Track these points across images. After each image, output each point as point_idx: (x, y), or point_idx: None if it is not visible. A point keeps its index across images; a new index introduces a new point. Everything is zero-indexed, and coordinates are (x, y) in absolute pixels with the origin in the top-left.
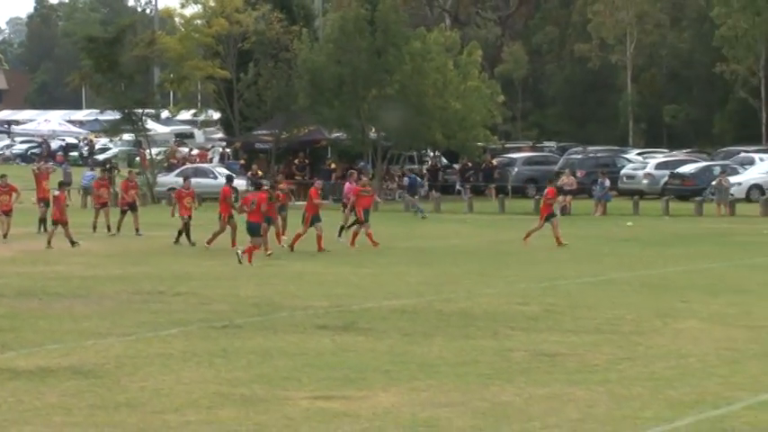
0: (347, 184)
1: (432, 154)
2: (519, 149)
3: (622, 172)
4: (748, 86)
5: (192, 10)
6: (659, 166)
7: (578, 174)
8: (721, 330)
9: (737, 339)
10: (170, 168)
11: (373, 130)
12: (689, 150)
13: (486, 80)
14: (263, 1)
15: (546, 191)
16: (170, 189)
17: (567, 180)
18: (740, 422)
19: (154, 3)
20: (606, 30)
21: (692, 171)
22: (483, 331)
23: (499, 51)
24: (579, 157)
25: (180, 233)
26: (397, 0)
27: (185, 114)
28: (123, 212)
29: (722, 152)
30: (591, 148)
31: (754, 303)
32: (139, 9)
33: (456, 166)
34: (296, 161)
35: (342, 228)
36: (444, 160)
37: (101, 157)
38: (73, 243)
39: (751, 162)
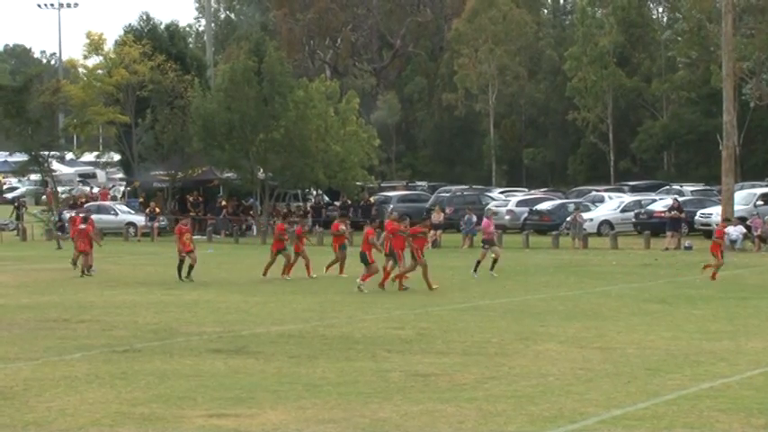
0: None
1: (315, 192)
2: (394, 188)
3: (487, 208)
4: (598, 132)
5: (94, 61)
6: (520, 204)
7: (447, 210)
8: (577, 352)
9: (592, 360)
10: (74, 206)
11: (261, 170)
12: (546, 189)
13: (364, 125)
14: (158, 52)
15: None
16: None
17: (437, 216)
18: None
19: (58, 54)
20: (471, 81)
21: (549, 208)
22: (362, 354)
23: (375, 99)
24: (449, 195)
25: (184, 267)
26: (282, 52)
27: (88, 156)
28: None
29: (575, 191)
30: (459, 187)
31: (607, 327)
32: (45, 60)
33: (337, 203)
34: (190, 199)
35: (478, 262)
36: (326, 198)
37: (10, 195)
38: None
39: (601, 200)
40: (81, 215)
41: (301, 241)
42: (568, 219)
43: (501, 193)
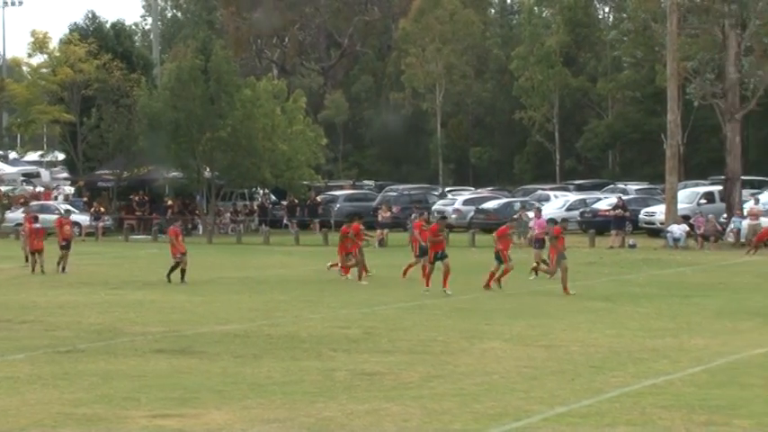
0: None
1: (261, 191)
2: (341, 187)
3: (433, 207)
4: (544, 131)
5: (38, 59)
6: (466, 203)
7: (394, 209)
8: (522, 350)
9: (536, 358)
10: (24, 205)
11: (207, 169)
12: (492, 188)
13: (311, 124)
14: (104, 51)
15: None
16: (17, 225)
17: (384, 215)
18: None
19: (2, 53)
20: (418, 80)
21: (495, 207)
22: (308, 353)
23: (322, 98)
24: (396, 194)
25: (174, 270)
26: (229, 51)
27: (32, 155)
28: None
29: (521, 190)
30: (407, 186)
31: (552, 325)
32: None
33: (284, 202)
34: (136, 198)
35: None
36: (273, 197)
37: None
38: None
39: (547, 199)
40: (32, 215)
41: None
42: (514, 217)
43: (448, 191)
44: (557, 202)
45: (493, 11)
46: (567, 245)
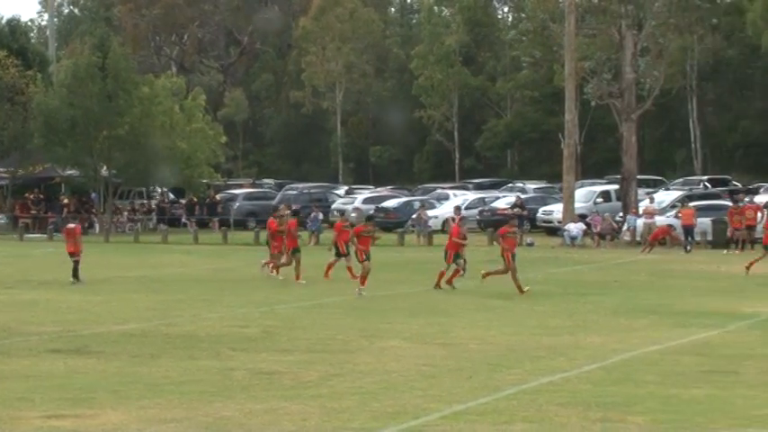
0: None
1: (160, 190)
2: (240, 186)
3: (333, 206)
4: (443, 130)
5: None
6: (366, 201)
7: (295, 207)
8: (421, 348)
9: (435, 356)
10: None
11: (105, 167)
12: (392, 187)
13: (210, 122)
14: None
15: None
16: None
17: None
18: (436, 430)
19: None
20: (318, 78)
21: (395, 205)
22: (206, 352)
23: (221, 96)
24: (296, 192)
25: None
26: (127, 48)
27: None
28: None
29: (421, 188)
30: (307, 184)
31: (450, 323)
32: None
33: (182, 201)
34: (31, 196)
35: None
36: (172, 195)
37: None
38: None
39: (446, 198)
40: None
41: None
42: (414, 216)
43: (348, 190)
44: (456, 201)
45: (393, 10)
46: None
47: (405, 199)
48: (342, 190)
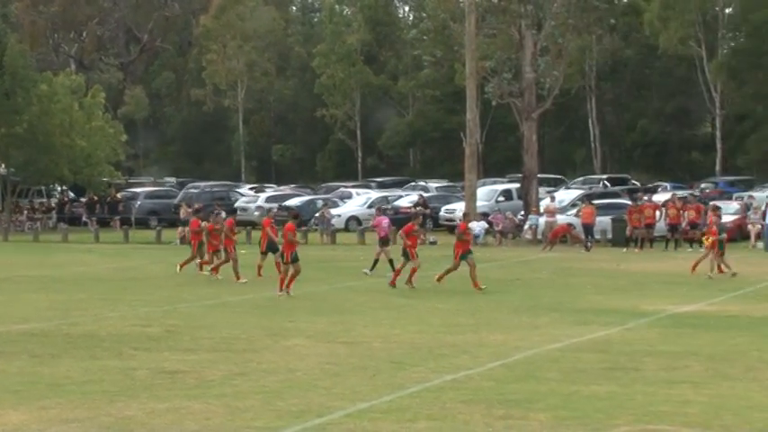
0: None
1: (59, 188)
2: (141, 184)
3: (236, 205)
4: (346, 129)
5: None
6: (269, 200)
7: (197, 206)
8: (325, 347)
9: (339, 354)
10: None
11: (3, 166)
12: (295, 185)
13: (110, 120)
14: None
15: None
16: None
17: (184, 212)
18: (341, 428)
19: None
20: (219, 76)
21: (298, 204)
22: (108, 352)
23: (122, 94)
24: (198, 191)
25: None
26: (25, 45)
27: None
28: None
29: (324, 187)
30: (207, 183)
31: (354, 322)
32: None
33: (83, 199)
34: None
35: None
36: (72, 194)
37: None
38: None
39: (349, 196)
40: None
41: None
42: (317, 215)
43: (250, 189)
44: (359, 200)
45: (294, 8)
46: (369, 242)
47: (308, 197)
48: (245, 188)
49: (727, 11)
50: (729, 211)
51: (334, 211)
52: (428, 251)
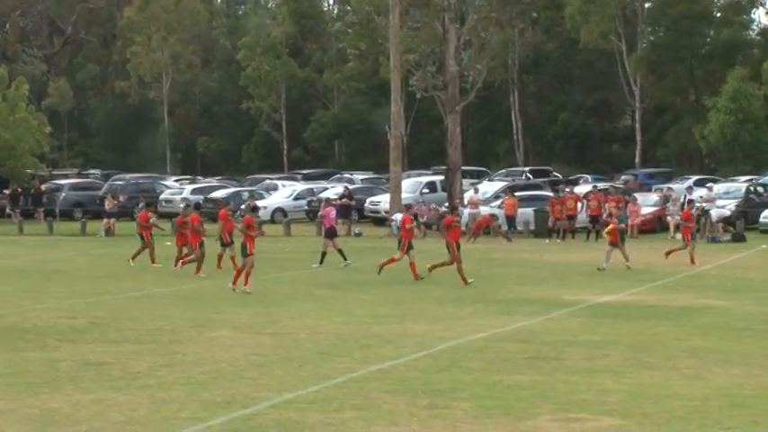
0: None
1: None
2: (66, 176)
3: (161, 197)
4: (271, 121)
5: None
6: (194, 192)
7: (121, 198)
8: (250, 338)
9: (265, 345)
10: None
11: None
12: (220, 177)
13: (34, 112)
14: None
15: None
16: None
17: (109, 204)
18: (267, 419)
19: None
20: (144, 69)
21: (224, 196)
22: (33, 344)
23: (45, 86)
24: (123, 183)
25: None
26: None
27: None
28: None
29: (250, 179)
30: (133, 175)
31: (280, 313)
32: None
33: (6, 191)
34: None
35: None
36: None
37: None
38: None
39: (275, 188)
40: None
41: None
42: (243, 207)
43: (176, 181)
44: (284, 192)
45: (219, 0)
46: (295, 233)
47: (233, 189)
48: (170, 180)
49: (646, 5)
50: (649, 202)
51: (260, 203)
52: (354, 242)
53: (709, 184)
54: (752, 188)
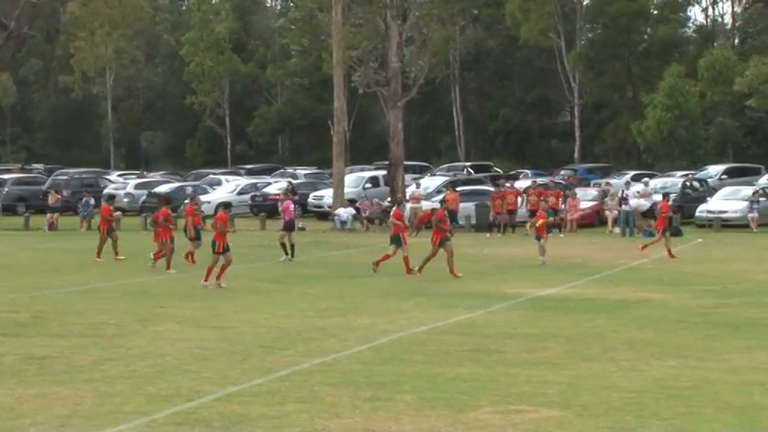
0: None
1: None
2: (9, 171)
3: (105, 191)
4: (215, 116)
5: None
6: (138, 186)
7: (65, 193)
8: (195, 332)
9: (209, 339)
10: None
11: None
12: (164, 172)
13: None
14: None
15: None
16: None
17: (52, 199)
18: (210, 412)
19: None
20: (88, 64)
21: (168, 191)
22: None
23: None
24: (66, 178)
25: None
26: None
27: None
28: None
29: (193, 174)
30: (76, 170)
31: (223, 307)
32: None
33: None
34: None
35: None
36: None
37: None
38: None
39: (219, 183)
40: None
41: None
42: (186, 201)
43: (120, 175)
44: (228, 186)
45: None
46: (239, 228)
47: (177, 184)
48: (114, 174)
49: (584, 3)
50: (587, 197)
51: (203, 198)
52: (297, 237)
53: (644, 179)
54: (688, 183)
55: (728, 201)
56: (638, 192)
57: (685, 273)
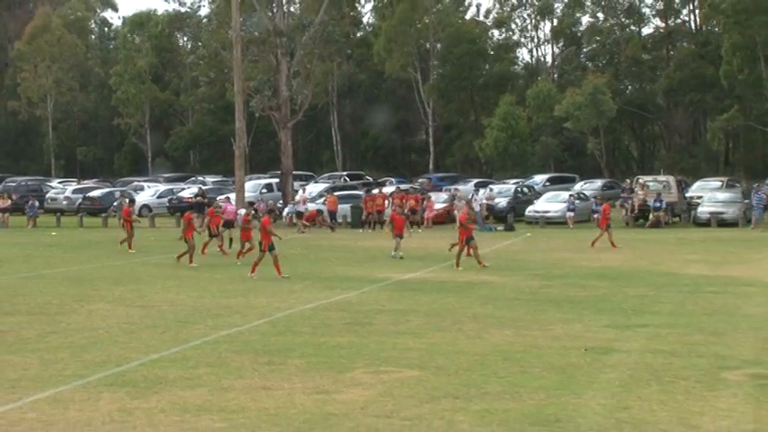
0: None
1: None
2: None
3: (48, 195)
4: (138, 134)
5: None
6: (75, 191)
7: (14, 197)
8: (123, 310)
9: (134, 316)
10: None
11: None
12: (96, 180)
13: None
14: None
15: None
16: None
17: (3, 202)
18: (136, 375)
19: None
20: (32, 91)
21: (99, 195)
22: None
23: None
24: (15, 184)
25: None
26: None
27: None
28: None
29: (121, 181)
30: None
31: (147, 289)
32: None
33: None
34: None
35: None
36: None
37: None
38: None
39: (142, 188)
40: None
41: None
42: (115, 203)
43: (60, 182)
44: (150, 191)
45: (93, 36)
46: (158, 225)
47: (107, 189)
48: (55, 182)
49: (438, 46)
50: (440, 200)
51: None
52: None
53: (490, 186)
54: (519, 189)
55: (551, 203)
56: (485, 196)
57: (518, 260)
